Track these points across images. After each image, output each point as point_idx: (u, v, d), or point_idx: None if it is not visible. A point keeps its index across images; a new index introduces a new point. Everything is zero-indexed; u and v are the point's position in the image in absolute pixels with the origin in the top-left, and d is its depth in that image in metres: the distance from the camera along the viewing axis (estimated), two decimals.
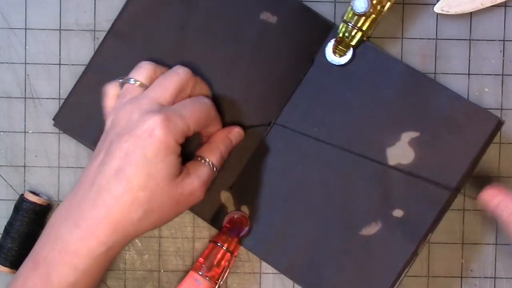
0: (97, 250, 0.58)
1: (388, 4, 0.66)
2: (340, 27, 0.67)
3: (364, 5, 0.65)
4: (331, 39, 0.68)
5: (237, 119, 0.68)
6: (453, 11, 0.69)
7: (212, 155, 0.64)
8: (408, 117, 0.67)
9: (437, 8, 0.69)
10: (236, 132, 0.67)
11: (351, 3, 0.65)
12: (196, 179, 0.61)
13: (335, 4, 0.70)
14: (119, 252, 0.60)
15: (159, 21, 0.68)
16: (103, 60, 0.68)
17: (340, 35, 0.67)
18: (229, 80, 0.68)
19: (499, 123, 0.67)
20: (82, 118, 0.68)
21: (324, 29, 0.69)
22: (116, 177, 0.58)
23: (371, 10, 0.65)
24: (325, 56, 0.68)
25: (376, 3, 0.65)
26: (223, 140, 0.65)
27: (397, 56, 0.70)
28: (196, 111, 0.61)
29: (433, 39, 0.70)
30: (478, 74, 0.70)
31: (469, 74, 0.70)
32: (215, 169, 0.63)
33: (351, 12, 0.66)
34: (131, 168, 0.57)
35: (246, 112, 0.68)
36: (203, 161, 0.63)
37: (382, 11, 0.66)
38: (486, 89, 0.70)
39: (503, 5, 0.70)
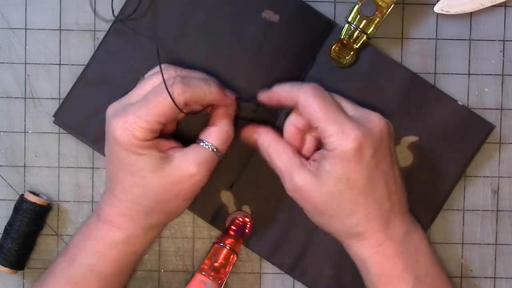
0: (117, 237, 0.63)
1: (392, 6, 0.66)
2: (344, 28, 0.67)
3: (373, 9, 0.65)
4: (333, 38, 0.68)
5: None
6: (453, 11, 0.69)
7: (210, 137, 0.64)
8: (409, 122, 0.68)
9: (437, 8, 0.69)
10: (231, 105, 0.65)
11: (358, 7, 0.65)
12: (191, 162, 0.62)
13: (335, 4, 0.70)
14: (143, 246, 0.64)
15: (161, 19, 0.68)
16: (104, 57, 0.68)
17: (344, 36, 0.67)
18: (231, 78, 0.68)
19: (491, 129, 0.68)
20: (82, 116, 0.68)
21: (326, 28, 0.68)
22: (113, 183, 0.63)
23: (377, 13, 0.65)
24: (326, 55, 0.68)
25: (383, 7, 0.66)
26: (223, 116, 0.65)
27: (397, 56, 0.70)
28: (154, 107, 0.61)
29: (433, 39, 0.70)
30: (478, 74, 0.70)
31: (469, 74, 0.70)
32: (211, 148, 0.63)
33: (356, 14, 0.66)
34: (119, 172, 0.62)
35: (247, 111, 0.68)
36: (201, 143, 0.63)
37: (386, 14, 0.66)
38: (486, 89, 0.70)
39: (503, 5, 0.70)
